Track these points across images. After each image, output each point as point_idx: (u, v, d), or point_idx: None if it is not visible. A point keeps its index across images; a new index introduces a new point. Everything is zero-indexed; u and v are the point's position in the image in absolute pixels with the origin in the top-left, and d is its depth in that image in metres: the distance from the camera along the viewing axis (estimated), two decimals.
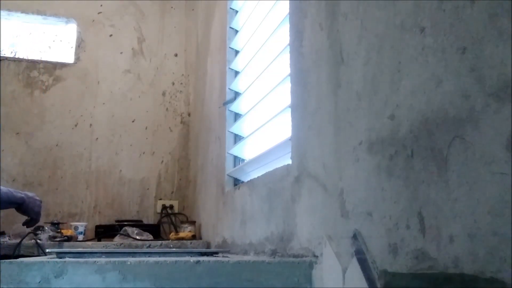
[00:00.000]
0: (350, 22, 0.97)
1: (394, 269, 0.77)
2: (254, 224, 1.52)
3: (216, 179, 2.13)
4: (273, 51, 1.59)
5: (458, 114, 0.65)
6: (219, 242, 2.00)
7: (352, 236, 0.90)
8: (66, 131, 2.85)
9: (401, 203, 0.76)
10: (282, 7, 1.51)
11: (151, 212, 2.90)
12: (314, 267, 1.04)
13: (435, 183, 0.69)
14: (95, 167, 2.85)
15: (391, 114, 0.81)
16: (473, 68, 0.63)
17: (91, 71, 2.97)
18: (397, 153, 0.78)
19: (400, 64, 0.79)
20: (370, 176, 0.86)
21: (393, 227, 0.78)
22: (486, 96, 0.60)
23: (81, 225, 2.48)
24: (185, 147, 3.02)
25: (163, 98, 3.06)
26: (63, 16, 3.00)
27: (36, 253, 2.02)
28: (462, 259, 0.63)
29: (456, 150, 0.65)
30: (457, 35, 0.66)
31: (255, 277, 1.01)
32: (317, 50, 1.13)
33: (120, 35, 3.06)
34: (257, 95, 1.72)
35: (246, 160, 1.84)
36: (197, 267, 0.99)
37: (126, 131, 2.96)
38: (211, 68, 2.47)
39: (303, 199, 1.16)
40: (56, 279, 0.93)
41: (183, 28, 3.18)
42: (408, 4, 0.78)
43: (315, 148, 1.11)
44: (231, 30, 2.14)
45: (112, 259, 0.98)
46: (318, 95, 1.11)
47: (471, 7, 0.64)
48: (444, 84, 0.68)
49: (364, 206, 0.87)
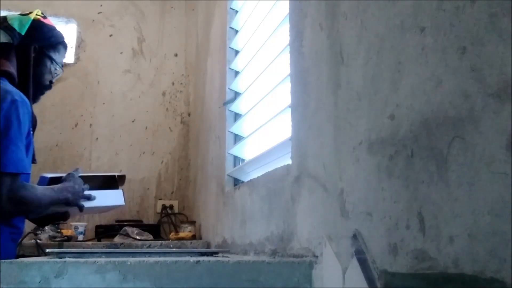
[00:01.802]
0: (350, 22, 0.97)
1: (394, 269, 0.77)
2: (254, 224, 1.52)
3: (216, 179, 2.13)
4: (273, 51, 1.59)
5: (458, 114, 0.65)
6: (219, 242, 2.00)
7: (352, 236, 0.90)
8: (66, 131, 2.85)
9: (401, 203, 0.76)
10: (282, 7, 1.51)
11: (151, 212, 2.90)
12: (314, 267, 1.04)
13: (435, 183, 0.69)
14: (95, 167, 2.85)
15: (391, 114, 0.81)
16: (473, 68, 0.63)
17: (91, 71, 2.97)
18: (397, 153, 0.78)
19: (400, 64, 0.79)
20: (370, 176, 0.86)
21: (393, 227, 0.78)
22: (486, 96, 0.60)
23: (81, 225, 2.48)
24: (185, 147, 3.02)
25: (163, 98, 3.06)
26: (63, 16, 2.99)
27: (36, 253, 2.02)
28: (462, 259, 0.63)
29: (456, 150, 0.65)
30: (457, 35, 0.66)
31: (255, 277, 1.01)
32: (317, 50, 1.13)
33: (120, 35, 3.07)
34: (257, 95, 1.72)
35: (246, 160, 1.84)
36: (197, 267, 0.99)
37: (126, 131, 2.96)
38: (211, 68, 2.47)
39: (303, 199, 1.16)
40: (56, 279, 0.93)
41: (183, 28, 3.18)
42: (408, 4, 0.78)
43: (315, 148, 1.11)
44: (231, 30, 2.14)
45: (112, 259, 0.98)
46: (318, 95, 1.11)
47: (471, 7, 0.64)
48: (444, 84, 0.68)
49: (364, 206, 0.87)
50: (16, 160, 1.40)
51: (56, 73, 1.69)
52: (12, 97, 1.43)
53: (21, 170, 1.42)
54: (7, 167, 1.38)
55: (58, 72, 1.70)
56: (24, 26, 1.57)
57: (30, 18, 1.60)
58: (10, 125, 1.40)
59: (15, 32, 1.55)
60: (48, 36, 1.64)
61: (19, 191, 1.42)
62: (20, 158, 1.42)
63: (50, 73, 1.66)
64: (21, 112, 1.43)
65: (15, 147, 1.40)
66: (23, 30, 1.57)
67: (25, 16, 1.61)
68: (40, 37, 1.61)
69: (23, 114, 1.44)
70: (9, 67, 1.54)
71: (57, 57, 1.68)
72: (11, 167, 1.39)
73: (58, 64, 1.68)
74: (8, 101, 1.42)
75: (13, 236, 1.52)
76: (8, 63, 1.54)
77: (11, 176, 1.39)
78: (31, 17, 1.60)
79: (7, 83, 1.50)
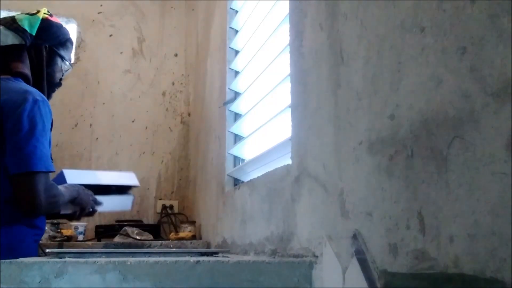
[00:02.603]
0: (350, 22, 0.97)
1: (394, 269, 0.77)
2: (254, 224, 1.52)
3: (216, 179, 2.13)
4: (273, 51, 1.59)
5: (458, 114, 0.65)
6: (219, 242, 2.00)
7: (352, 236, 0.90)
8: (66, 131, 2.85)
9: (401, 203, 0.76)
10: (282, 7, 1.51)
11: (151, 212, 2.90)
12: (314, 267, 1.04)
13: (435, 183, 0.69)
14: (95, 167, 2.85)
15: (391, 114, 0.81)
16: (473, 68, 0.63)
17: (91, 71, 2.97)
18: (397, 153, 0.78)
19: (400, 64, 0.79)
20: (370, 176, 0.86)
21: (393, 227, 0.78)
22: (486, 96, 0.60)
23: (81, 225, 2.47)
24: (185, 147, 3.02)
25: (163, 98, 3.06)
26: (63, 16, 2.99)
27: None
28: (462, 259, 0.63)
29: (456, 150, 0.65)
30: (457, 35, 0.66)
31: (255, 277, 1.01)
32: (317, 50, 1.13)
33: (120, 35, 3.06)
34: (257, 95, 1.72)
35: (246, 160, 1.84)
36: (197, 267, 0.99)
37: (126, 131, 2.96)
38: (211, 68, 2.47)
39: (303, 199, 1.16)
40: (56, 279, 0.93)
41: (183, 28, 3.18)
42: (408, 4, 0.78)
43: (315, 148, 1.11)
44: (231, 30, 2.14)
45: (112, 259, 0.98)
46: (318, 95, 1.11)
47: (471, 7, 0.64)
48: (444, 84, 0.68)
49: (364, 206, 0.87)
50: (45, 159, 1.43)
51: (66, 70, 1.71)
52: (34, 97, 1.45)
53: (50, 169, 1.46)
54: (39, 166, 1.40)
55: (68, 69, 1.72)
56: (34, 26, 1.58)
57: (39, 18, 1.60)
58: (35, 125, 1.42)
59: (26, 33, 1.56)
60: (57, 35, 1.65)
61: (52, 189, 1.47)
62: (48, 157, 1.45)
63: (61, 70, 1.69)
64: (43, 111, 1.46)
65: (42, 146, 1.43)
66: (34, 30, 1.57)
67: (34, 15, 1.61)
68: (50, 36, 1.62)
69: (45, 113, 1.46)
70: (23, 69, 1.56)
71: (66, 54, 1.69)
72: (42, 166, 1.41)
73: (68, 61, 1.70)
74: (30, 101, 1.43)
75: (36, 237, 1.55)
76: (21, 65, 1.56)
77: (44, 174, 1.43)
78: (40, 17, 1.61)
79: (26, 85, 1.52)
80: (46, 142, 1.45)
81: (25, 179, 1.39)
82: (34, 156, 1.40)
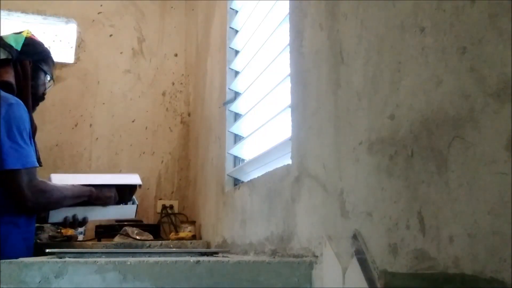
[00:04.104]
0: (350, 22, 0.97)
1: (394, 269, 0.77)
2: (254, 224, 1.52)
3: (216, 179, 2.13)
4: (273, 51, 1.59)
5: (458, 114, 0.65)
6: (219, 242, 2.00)
7: (352, 236, 0.90)
8: (66, 131, 2.85)
9: (401, 203, 0.76)
10: (282, 7, 1.51)
11: (151, 212, 2.90)
12: (314, 267, 1.04)
13: (435, 183, 0.69)
14: (95, 167, 2.85)
15: (391, 114, 0.81)
16: (473, 68, 0.63)
17: (91, 71, 2.97)
18: (397, 153, 0.78)
19: (400, 64, 0.79)
20: (370, 176, 0.86)
21: (393, 227, 0.78)
22: (486, 96, 0.60)
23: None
24: (185, 147, 3.02)
25: (163, 98, 3.06)
26: (63, 16, 2.99)
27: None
28: (462, 259, 0.63)
29: (456, 150, 0.65)
30: (457, 35, 0.66)
31: (255, 277, 1.01)
32: (317, 50, 1.13)
33: (120, 35, 3.07)
34: (257, 95, 1.72)
35: (246, 160, 1.84)
36: (197, 267, 0.99)
37: (126, 131, 2.96)
38: (211, 68, 2.47)
39: (303, 199, 1.16)
40: (56, 279, 0.93)
41: (183, 28, 3.18)
42: (408, 4, 0.78)
43: (315, 148, 1.11)
44: (231, 30, 2.14)
45: (112, 259, 0.98)
46: (318, 95, 1.11)
47: (471, 7, 0.64)
48: (444, 84, 0.68)
49: (364, 206, 0.87)
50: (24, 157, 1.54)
51: (49, 84, 1.86)
52: (8, 101, 1.56)
53: (31, 165, 1.57)
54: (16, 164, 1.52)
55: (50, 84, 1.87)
56: (19, 43, 1.75)
57: (23, 36, 1.79)
58: (10, 127, 1.52)
59: (12, 48, 1.72)
60: (40, 51, 1.82)
61: (39, 184, 1.60)
62: (26, 154, 1.55)
63: (44, 84, 1.83)
64: (18, 113, 1.56)
65: (17, 145, 1.53)
66: (19, 46, 1.74)
67: (19, 34, 1.80)
68: (33, 52, 1.79)
69: (20, 115, 1.57)
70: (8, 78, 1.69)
71: (49, 70, 1.84)
72: (18, 164, 1.52)
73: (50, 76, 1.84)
74: (4, 105, 1.54)
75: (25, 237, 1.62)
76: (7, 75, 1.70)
77: (25, 171, 1.54)
78: (24, 35, 1.80)
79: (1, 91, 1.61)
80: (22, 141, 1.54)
81: (7, 176, 1.52)
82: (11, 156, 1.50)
